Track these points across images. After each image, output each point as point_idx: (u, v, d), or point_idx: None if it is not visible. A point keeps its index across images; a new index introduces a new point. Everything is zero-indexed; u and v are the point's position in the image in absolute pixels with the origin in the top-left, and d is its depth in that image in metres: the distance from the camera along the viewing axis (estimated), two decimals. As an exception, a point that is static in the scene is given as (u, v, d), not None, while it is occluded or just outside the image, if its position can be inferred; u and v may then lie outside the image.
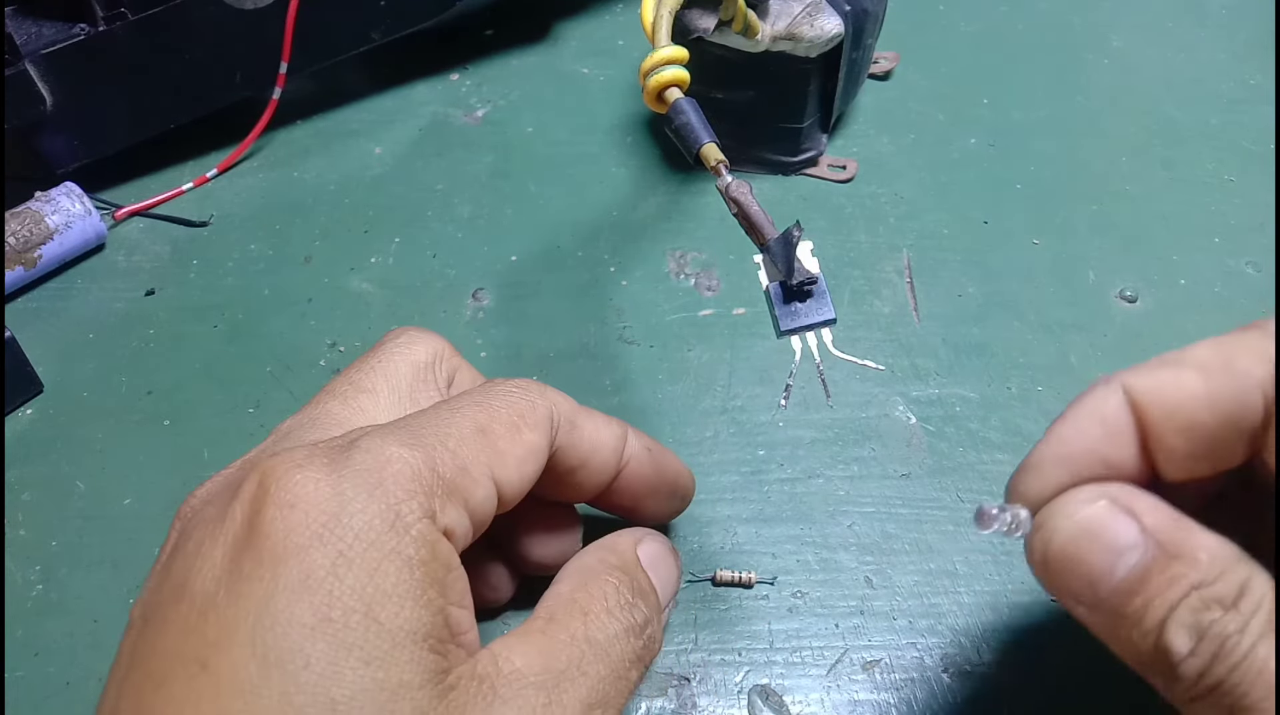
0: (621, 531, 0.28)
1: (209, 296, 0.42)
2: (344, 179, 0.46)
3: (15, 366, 0.38)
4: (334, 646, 0.20)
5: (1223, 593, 0.21)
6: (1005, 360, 0.38)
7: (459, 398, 0.25)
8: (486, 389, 0.26)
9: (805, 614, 0.33)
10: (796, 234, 0.28)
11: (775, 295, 0.28)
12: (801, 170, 0.45)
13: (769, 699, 0.31)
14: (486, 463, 0.24)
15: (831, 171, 0.45)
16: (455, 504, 0.23)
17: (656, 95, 0.30)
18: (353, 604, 0.20)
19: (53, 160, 0.43)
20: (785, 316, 0.28)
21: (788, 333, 0.29)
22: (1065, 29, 0.52)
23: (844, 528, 0.34)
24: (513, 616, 0.32)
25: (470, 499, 0.23)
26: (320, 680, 0.20)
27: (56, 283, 0.43)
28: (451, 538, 0.23)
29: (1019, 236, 0.43)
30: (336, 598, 0.20)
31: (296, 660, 0.20)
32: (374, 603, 0.21)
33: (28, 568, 0.34)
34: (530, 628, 0.24)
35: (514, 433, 0.25)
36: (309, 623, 0.20)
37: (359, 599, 0.21)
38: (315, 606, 0.20)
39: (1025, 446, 0.36)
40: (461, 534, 0.23)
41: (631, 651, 0.25)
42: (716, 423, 0.37)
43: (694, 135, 0.29)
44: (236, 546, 0.21)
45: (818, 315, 0.30)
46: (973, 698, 0.31)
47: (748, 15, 0.37)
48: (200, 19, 0.42)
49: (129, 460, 0.37)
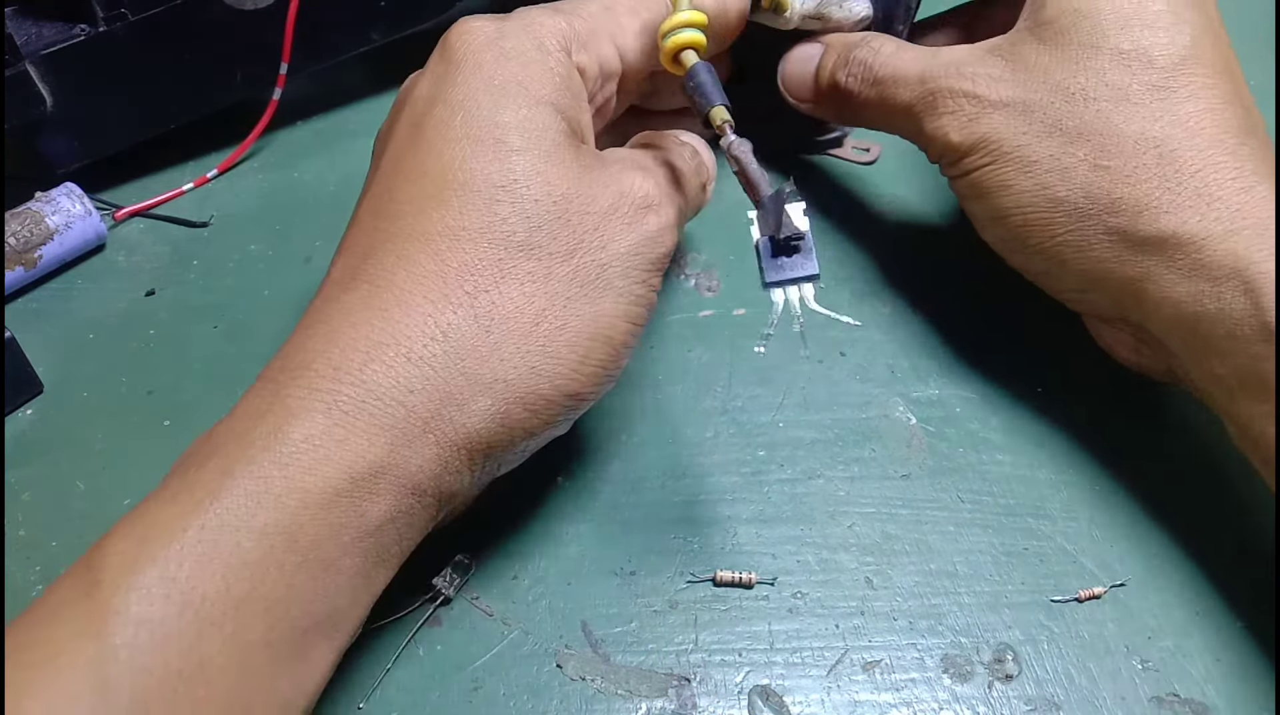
0: None
1: (209, 296, 0.42)
2: (344, 179, 0.46)
3: (15, 366, 0.38)
4: (496, 97, 0.29)
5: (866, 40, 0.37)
6: (1005, 360, 0.38)
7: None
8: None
9: (805, 614, 0.33)
10: (787, 191, 0.29)
11: (764, 249, 0.30)
12: (826, 150, 0.45)
13: (769, 699, 0.31)
14: (610, 30, 0.33)
15: (855, 153, 0.45)
16: (586, 51, 0.32)
17: (673, 57, 0.31)
18: (509, 79, 0.30)
19: (53, 160, 0.43)
20: (771, 269, 0.30)
21: (773, 285, 0.30)
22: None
23: (844, 528, 0.34)
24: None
25: (598, 50, 0.32)
26: (489, 113, 0.29)
27: (56, 283, 0.43)
28: (583, 75, 0.32)
29: (1019, 237, 0.43)
30: (498, 76, 0.30)
31: (470, 104, 0.29)
32: (525, 80, 0.30)
33: (28, 568, 0.34)
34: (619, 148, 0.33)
35: (633, 13, 0.33)
36: (480, 86, 0.29)
37: (514, 77, 0.30)
38: (484, 79, 0.30)
39: (1026, 447, 0.36)
40: (591, 75, 0.32)
41: (695, 163, 0.33)
42: (717, 423, 0.37)
43: (706, 98, 0.31)
44: (434, 67, 0.31)
45: (802, 270, 0.31)
46: (973, 698, 0.31)
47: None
48: (200, 19, 0.42)
49: (129, 460, 0.37)
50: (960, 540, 0.34)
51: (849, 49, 0.38)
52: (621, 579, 0.33)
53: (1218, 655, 0.31)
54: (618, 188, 0.30)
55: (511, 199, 0.28)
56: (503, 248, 0.28)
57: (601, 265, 0.29)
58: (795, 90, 0.40)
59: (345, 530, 0.26)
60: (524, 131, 0.29)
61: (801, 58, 0.39)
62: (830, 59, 0.38)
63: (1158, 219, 0.31)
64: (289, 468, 0.25)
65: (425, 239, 0.28)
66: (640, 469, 0.36)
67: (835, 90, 0.38)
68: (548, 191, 0.29)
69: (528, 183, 0.29)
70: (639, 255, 0.30)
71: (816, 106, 0.40)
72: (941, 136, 0.34)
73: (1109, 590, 0.33)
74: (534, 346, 0.28)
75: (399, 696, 0.31)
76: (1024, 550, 0.34)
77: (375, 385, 0.27)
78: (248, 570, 0.24)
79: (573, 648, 0.32)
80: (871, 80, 0.37)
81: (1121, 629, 0.32)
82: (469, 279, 0.28)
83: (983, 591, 0.33)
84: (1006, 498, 0.35)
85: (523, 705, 0.31)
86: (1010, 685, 0.31)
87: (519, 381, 0.28)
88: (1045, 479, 0.35)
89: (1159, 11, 0.32)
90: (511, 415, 0.28)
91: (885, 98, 0.36)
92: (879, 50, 0.37)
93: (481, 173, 0.29)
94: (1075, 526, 0.34)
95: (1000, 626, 0.32)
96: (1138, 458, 0.35)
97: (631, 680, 0.31)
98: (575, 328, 0.29)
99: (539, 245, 0.28)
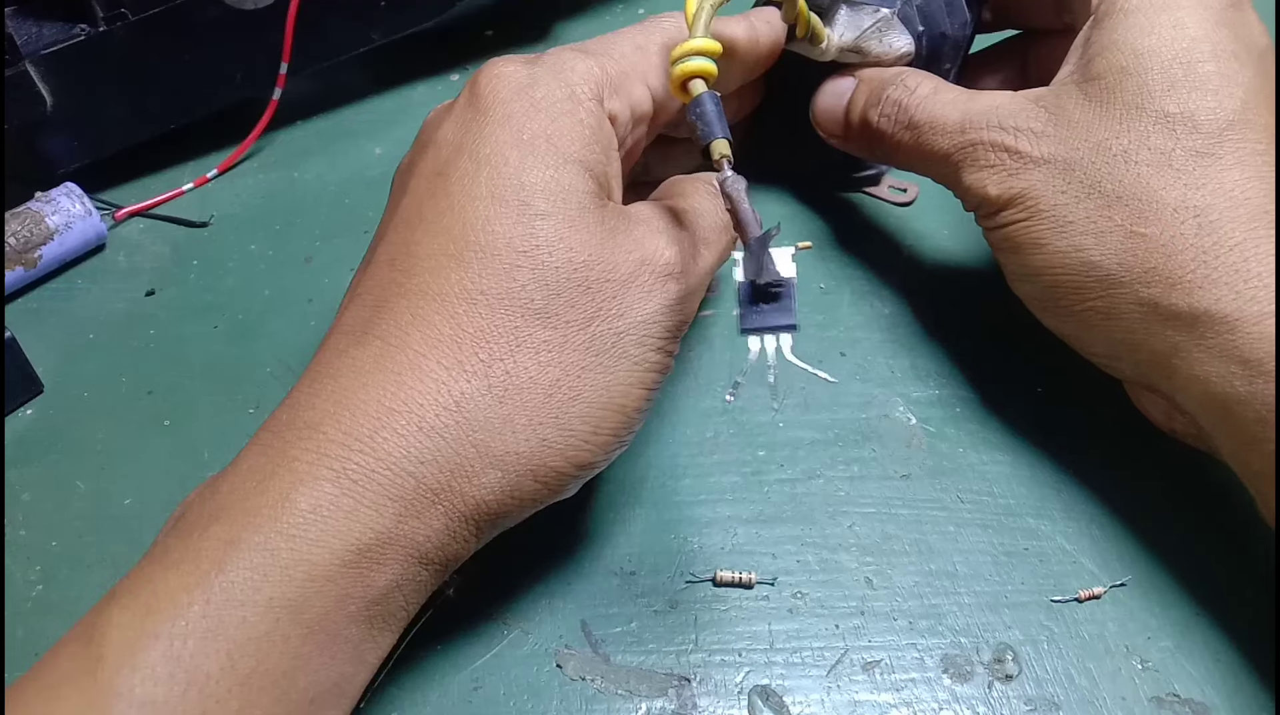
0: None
1: (209, 296, 0.42)
2: (344, 179, 0.46)
3: (15, 366, 0.38)
4: (524, 154, 0.29)
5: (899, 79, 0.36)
6: (1005, 360, 0.38)
7: (624, 29, 0.33)
8: (645, 21, 0.34)
9: (805, 614, 0.33)
10: (773, 235, 0.28)
11: (744, 293, 0.29)
12: (863, 188, 0.44)
13: (769, 699, 0.31)
14: (642, 71, 0.32)
15: (892, 193, 0.44)
16: (618, 97, 0.31)
17: (681, 84, 0.31)
18: (538, 133, 0.29)
19: (53, 160, 0.43)
20: (748, 315, 0.29)
21: (748, 331, 0.29)
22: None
23: (844, 528, 0.34)
24: (513, 617, 0.32)
25: (630, 95, 0.32)
26: (515, 172, 0.28)
27: (56, 283, 0.43)
28: (614, 123, 0.31)
29: (1019, 237, 0.43)
30: (527, 129, 0.29)
31: (497, 161, 0.29)
32: (554, 136, 0.29)
33: (28, 568, 0.34)
34: (646, 204, 0.32)
35: (666, 52, 0.32)
36: (508, 140, 0.29)
37: (543, 132, 0.29)
38: (513, 132, 0.29)
39: (1026, 447, 0.36)
40: (623, 121, 0.31)
41: (721, 219, 0.32)
42: (717, 423, 0.37)
43: (709, 128, 0.30)
44: (461, 111, 0.30)
45: (778, 319, 0.30)
46: (973, 698, 0.31)
47: (812, 21, 0.36)
48: (200, 19, 0.42)
49: (129, 460, 0.37)
50: (960, 540, 0.34)
51: (882, 86, 0.36)
52: (621, 579, 0.34)
53: (1218, 655, 0.31)
54: (640, 254, 0.29)
55: (532, 265, 0.28)
56: (519, 315, 0.28)
57: (619, 333, 0.29)
58: (826, 125, 0.39)
59: (351, 600, 0.26)
60: (550, 194, 0.28)
61: (833, 92, 0.38)
62: (862, 95, 0.37)
63: (1191, 294, 0.29)
64: (296, 540, 0.25)
65: (442, 300, 0.28)
66: (640, 469, 0.36)
67: (867, 129, 0.37)
68: (569, 258, 0.28)
69: (550, 249, 0.28)
70: (658, 323, 0.29)
71: (847, 143, 0.39)
72: (979, 189, 0.33)
73: (1109, 590, 0.33)
74: (547, 418, 0.28)
75: (399, 696, 0.31)
76: (1024, 550, 0.34)
77: (386, 454, 0.26)
78: (253, 645, 0.24)
79: (573, 648, 0.32)
80: (906, 123, 0.35)
81: (1121, 629, 0.32)
82: (484, 347, 0.27)
83: (983, 591, 0.33)
84: (1006, 498, 0.35)
85: (523, 705, 0.31)
86: (1010, 685, 0.31)
87: (530, 455, 0.27)
88: (1045, 479, 0.35)
89: (1208, 73, 0.31)
90: (521, 487, 0.28)
91: (921, 144, 0.35)
92: (914, 90, 0.35)
93: (504, 236, 0.28)
94: (1075, 526, 0.34)
95: (1000, 626, 0.32)
96: (1138, 458, 0.35)
97: (631, 680, 0.31)
98: (588, 398, 0.28)
99: (557, 313, 0.28)
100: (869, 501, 0.35)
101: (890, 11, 0.38)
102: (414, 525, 0.26)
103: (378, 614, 0.26)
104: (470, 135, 0.29)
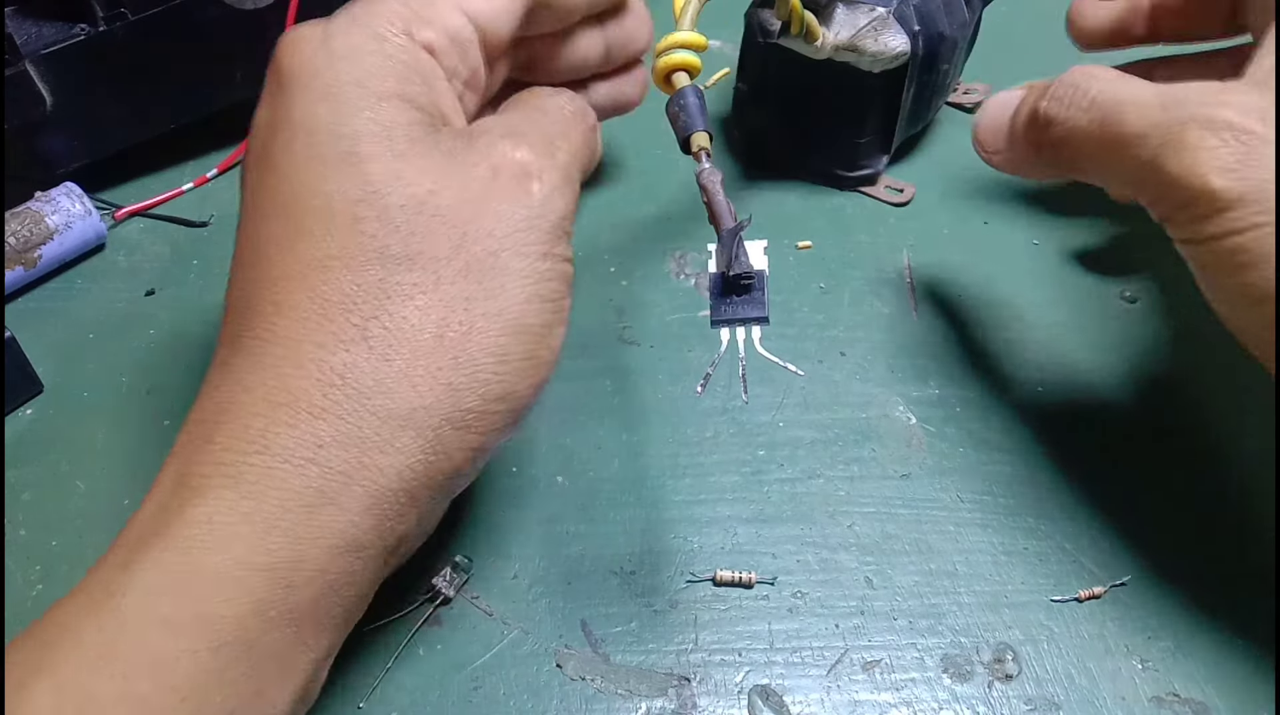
0: None
1: (209, 296, 0.42)
2: (344, 179, 0.46)
3: (15, 366, 0.38)
4: (335, 106, 0.27)
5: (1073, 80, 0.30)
6: (1005, 360, 0.38)
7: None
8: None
9: (805, 614, 0.33)
10: (744, 227, 0.28)
11: (714, 285, 0.29)
12: (859, 187, 0.44)
13: (769, 699, 0.31)
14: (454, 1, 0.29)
15: (889, 193, 0.44)
16: (430, 28, 0.29)
17: (664, 77, 0.31)
18: (345, 81, 0.27)
19: (53, 160, 0.43)
20: (718, 307, 0.29)
21: (718, 324, 0.29)
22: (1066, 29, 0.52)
23: (844, 528, 0.34)
24: (513, 617, 0.32)
25: (445, 23, 0.29)
26: (329, 126, 0.27)
27: (56, 283, 0.43)
28: (433, 52, 0.29)
29: (1019, 236, 0.43)
30: (333, 81, 0.27)
31: (310, 122, 0.27)
32: (362, 79, 0.27)
33: (28, 568, 0.34)
34: (487, 118, 0.30)
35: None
36: (316, 98, 0.27)
37: (350, 78, 0.27)
38: (319, 89, 0.27)
39: (1026, 447, 0.36)
40: (443, 49, 0.29)
41: (570, 110, 0.31)
42: (717, 423, 0.37)
43: (690, 122, 0.30)
44: (268, 90, 0.28)
45: (749, 311, 0.30)
46: (973, 697, 0.31)
47: (806, 19, 0.36)
48: (200, 19, 0.42)
49: (129, 460, 0.37)
50: (960, 540, 0.34)
51: (1055, 82, 0.31)
52: (621, 579, 0.33)
53: (1218, 655, 0.31)
54: (488, 163, 0.27)
55: (375, 213, 0.26)
56: (379, 266, 0.26)
57: (492, 252, 0.27)
58: (988, 139, 0.34)
59: (269, 606, 0.24)
60: (372, 137, 0.27)
61: (999, 102, 0.33)
62: (1032, 94, 0.32)
63: None
64: (191, 552, 0.24)
65: (298, 279, 0.26)
66: (640, 469, 0.36)
67: (1033, 123, 0.31)
68: (411, 193, 0.26)
69: (388, 190, 0.26)
70: (532, 229, 0.27)
71: (1010, 154, 0.33)
72: (1196, 180, 0.26)
73: (1109, 590, 0.33)
74: (444, 362, 0.26)
75: (399, 696, 0.31)
76: (1024, 550, 0.34)
77: (281, 448, 0.25)
78: (150, 666, 0.23)
79: (573, 647, 0.32)
80: (1086, 103, 0.29)
81: (1121, 629, 0.32)
82: (353, 310, 0.26)
83: (983, 591, 0.33)
84: (1006, 498, 0.35)
85: (523, 705, 0.31)
86: (1010, 685, 0.31)
87: (439, 404, 0.26)
88: (1045, 479, 0.35)
89: None
90: (444, 441, 0.26)
91: (1107, 124, 0.29)
92: (1094, 74, 0.30)
93: (337, 193, 0.26)
94: (1075, 526, 0.34)
95: (1000, 626, 0.32)
96: (1138, 458, 0.35)
97: (631, 680, 0.31)
98: (484, 328, 0.26)
99: (418, 252, 0.26)
100: (869, 501, 0.35)
101: (886, 10, 0.38)
102: (330, 513, 0.25)
103: (306, 615, 0.25)
104: (280, 108, 0.28)
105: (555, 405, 0.37)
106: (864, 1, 0.38)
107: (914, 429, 0.37)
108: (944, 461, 0.36)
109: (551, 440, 0.37)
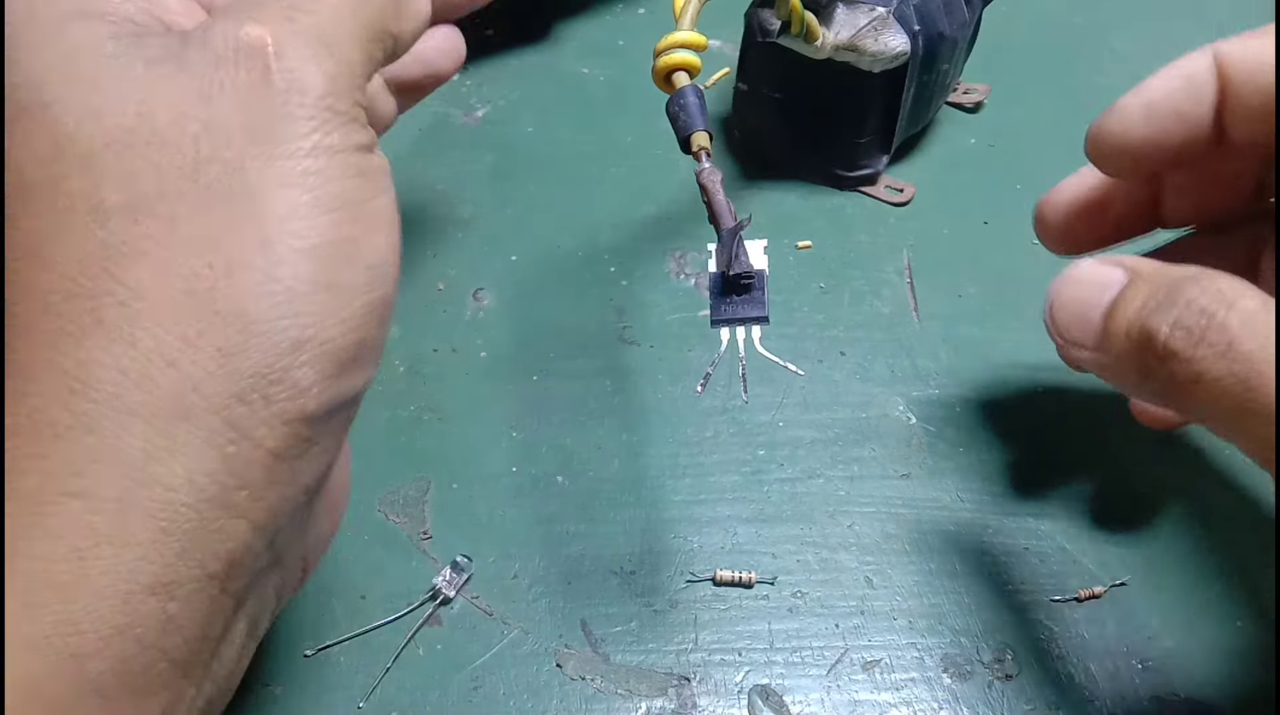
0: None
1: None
2: (344, 179, 0.46)
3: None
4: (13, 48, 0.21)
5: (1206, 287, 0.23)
6: (1005, 360, 0.38)
7: None
8: None
9: (805, 614, 0.33)
10: (744, 226, 0.28)
11: (714, 285, 0.29)
12: (859, 187, 0.44)
13: (769, 699, 0.31)
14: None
15: (889, 193, 0.44)
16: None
17: (665, 76, 0.31)
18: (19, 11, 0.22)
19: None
20: (718, 307, 0.29)
21: (718, 324, 0.29)
22: (1066, 29, 0.52)
23: (844, 528, 0.34)
24: (513, 616, 0.32)
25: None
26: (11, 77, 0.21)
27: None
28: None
29: (1019, 236, 0.43)
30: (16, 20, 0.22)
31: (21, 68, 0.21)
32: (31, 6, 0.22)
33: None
34: None
35: None
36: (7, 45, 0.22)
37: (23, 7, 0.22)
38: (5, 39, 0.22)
39: (1026, 447, 0.36)
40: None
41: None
42: (717, 423, 0.37)
43: (690, 121, 0.30)
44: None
45: (749, 311, 0.30)
46: (973, 697, 0.31)
47: (806, 19, 0.36)
48: (200, 19, 0.42)
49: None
50: (960, 540, 0.34)
51: (1174, 286, 0.23)
52: (621, 579, 0.34)
53: (1218, 655, 0.31)
54: (210, 56, 0.21)
55: (76, 166, 0.21)
56: (98, 227, 0.20)
57: (235, 169, 0.21)
58: (1069, 329, 0.26)
59: (52, 682, 0.19)
60: (53, 72, 0.21)
61: (1088, 282, 0.25)
62: (1140, 295, 0.24)
63: None
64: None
65: (12, 278, 0.21)
66: (640, 469, 0.36)
67: (1149, 347, 0.23)
68: (114, 126, 0.21)
69: (83, 133, 0.21)
70: (280, 121, 0.21)
71: (1102, 361, 0.25)
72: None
73: (1109, 590, 0.33)
74: (203, 324, 0.20)
75: (399, 696, 0.31)
76: (1024, 550, 0.34)
77: (30, 489, 0.20)
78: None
79: (573, 647, 0.32)
80: (1223, 346, 0.22)
81: (1121, 629, 0.32)
82: (79, 299, 0.20)
83: (983, 591, 0.33)
84: (1006, 498, 0.35)
85: (523, 705, 0.31)
86: (1010, 685, 0.31)
87: (212, 378, 0.20)
88: (1045, 479, 0.35)
89: None
90: (239, 423, 0.20)
91: (1252, 385, 0.22)
92: (1231, 300, 0.22)
93: (30, 157, 0.21)
94: (1075, 526, 0.34)
95: (1000, 626, 0.32)
96: (1138, 458, 0.35)
97: (631, 680, 0.31)
98: (243, 264, 0.21)
99: (141, 196, 0.20)
100: (869, 501, 0.35)
101: (886, 10, 0.38)
102: (110, 555, 0.20)
103: (112, 685, 0.20)
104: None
105: (555, 405, 0.37)
106: (864, 1, 0.38)
107: (914, 429, 0.37)
108: (944, 461, 0.36)
109: (551, 440, 0.37)
